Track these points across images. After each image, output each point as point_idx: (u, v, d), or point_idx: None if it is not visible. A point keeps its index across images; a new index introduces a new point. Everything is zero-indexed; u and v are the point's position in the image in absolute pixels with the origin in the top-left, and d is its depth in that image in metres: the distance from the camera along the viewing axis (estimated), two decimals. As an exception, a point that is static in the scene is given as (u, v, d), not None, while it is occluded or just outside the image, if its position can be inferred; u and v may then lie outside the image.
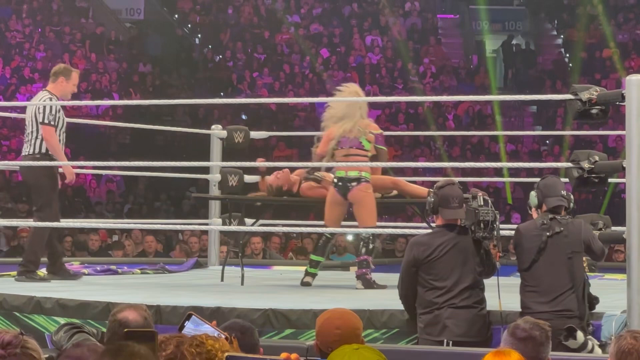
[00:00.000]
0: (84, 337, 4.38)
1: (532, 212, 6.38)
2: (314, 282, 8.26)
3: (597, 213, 7.60)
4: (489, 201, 6.23)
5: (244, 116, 20.90)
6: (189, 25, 25.27)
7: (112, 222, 12.60)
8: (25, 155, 8.40)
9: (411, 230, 7.74)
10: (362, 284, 7.97)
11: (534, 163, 10.78)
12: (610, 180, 7.11)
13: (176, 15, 25.55)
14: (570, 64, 23.49)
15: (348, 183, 8.03)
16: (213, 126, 10.06)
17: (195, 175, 11.75)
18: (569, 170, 6.41)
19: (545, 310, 5.97)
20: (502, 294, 6.19)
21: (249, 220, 8.84)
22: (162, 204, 18.71)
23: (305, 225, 10.05)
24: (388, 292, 7.32)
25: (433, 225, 6.75)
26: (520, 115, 22.59)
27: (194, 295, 7.56)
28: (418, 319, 6.21)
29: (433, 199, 6.29)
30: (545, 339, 4.44)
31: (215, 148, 9.87)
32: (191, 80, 22.94)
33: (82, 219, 14.29)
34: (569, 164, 6.40)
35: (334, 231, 8.26)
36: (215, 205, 9.87)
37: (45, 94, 8.41)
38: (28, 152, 8.33)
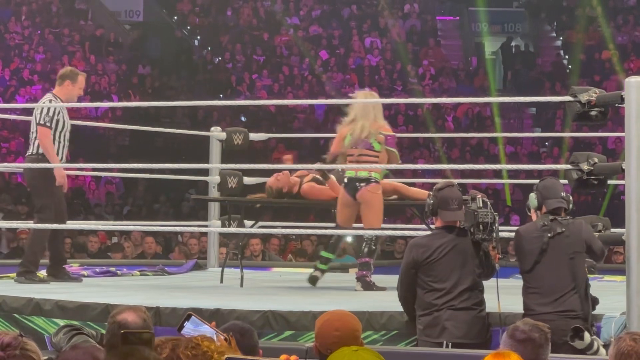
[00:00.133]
0: (84, 339, 4.38)
1: (532, 214, 6.37)
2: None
3: (597, 215, 7.61)
4: (488, 203, 6.23)
5: (243, 118, 20.89)
6: (188, 27, 25.25)
7: (112, 224, 12.62)
8: (27, 155, 8.50)
9: (410, 232, 7.73)
10: (362, 286, 7.96)
11: (533, 165, 10.76)
12: (609, 182, 7.12)
13: (175, 17, 25.52)
14: (570, 66, 23.48)
15: (357, 183, 8.02)
16: (212, 128, 10.05)
17: (194, 177, 11.73)
18: (568, 172, 6.40)
19: (549, 311, 5.97)
20: (502, 296, 6.19)
21: (248, 222, 8.84)
22: (162, 205, 18.71)
23: (304, 227, 10.05)
24: (387, 294, 7.32)
25: (432, 227, 6.75)
26: (519, 117, 22.57)
27: (194, 296, 7.56)
28: (417, 320, 6.20)
29: (432, 201, 6.29)
30: (544, 340, 4.44)
31: (215, 150, 9.87)
32: (190, 82, 22.91)
33: (82, 221, 14.30)
34: (568, 166, 6.39)
35: (337, 232, 8.26)
36: (214, 207, 9.87)
37: (48, 96, 8.49)
38: (28, 153, 8.43)
